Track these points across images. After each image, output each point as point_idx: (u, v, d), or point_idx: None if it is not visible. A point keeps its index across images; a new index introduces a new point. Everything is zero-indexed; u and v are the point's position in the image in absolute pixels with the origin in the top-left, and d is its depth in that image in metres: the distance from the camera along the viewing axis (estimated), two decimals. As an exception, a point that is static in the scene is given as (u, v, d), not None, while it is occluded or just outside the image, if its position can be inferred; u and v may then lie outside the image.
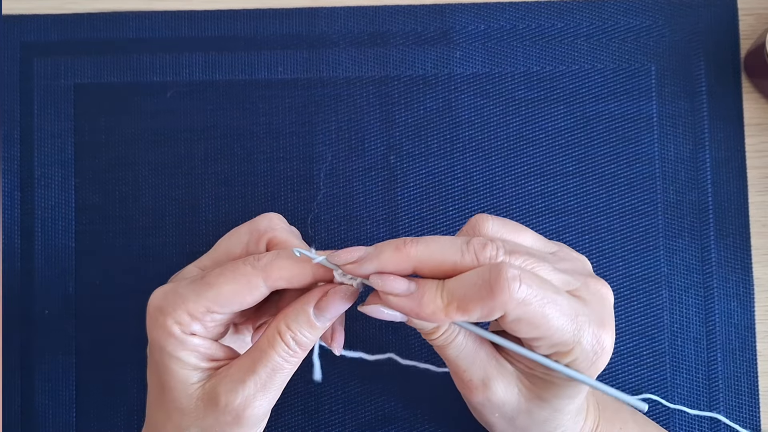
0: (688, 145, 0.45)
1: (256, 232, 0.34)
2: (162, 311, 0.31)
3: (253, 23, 0.46)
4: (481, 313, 0.28)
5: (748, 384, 0.44)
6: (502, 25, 0.46)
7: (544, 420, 0.33)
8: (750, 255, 0.44)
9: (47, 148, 0.45)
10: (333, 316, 0.31)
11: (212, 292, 0.31)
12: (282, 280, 0.31)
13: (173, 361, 0.31)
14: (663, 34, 0.46)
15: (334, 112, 0.45)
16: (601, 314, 0.30)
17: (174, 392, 0.32)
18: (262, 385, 0.31)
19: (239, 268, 0.31)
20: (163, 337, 0.31)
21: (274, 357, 0.31)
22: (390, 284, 0.29)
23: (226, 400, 0.31)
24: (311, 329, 0.31)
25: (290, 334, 0.31)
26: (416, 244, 0.30)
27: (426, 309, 0.29)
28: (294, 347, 0.31)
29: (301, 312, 0.31)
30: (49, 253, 0.44)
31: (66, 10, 0.46)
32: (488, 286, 0.27)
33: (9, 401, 0.43)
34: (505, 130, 0.45)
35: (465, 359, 0.31)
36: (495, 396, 0.32)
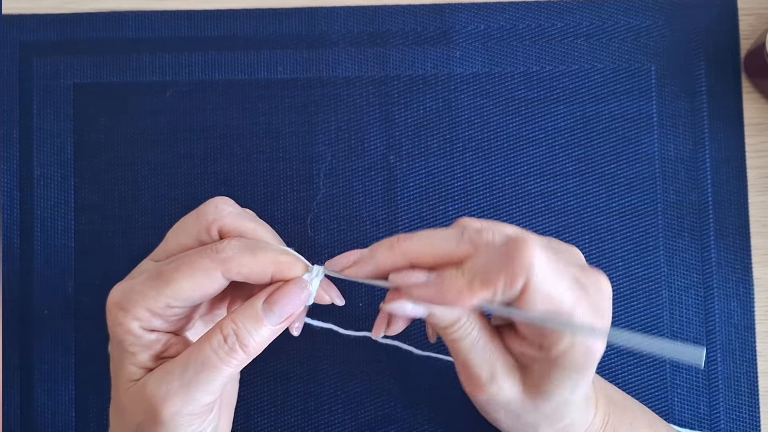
0: (688, 145, 0.45)
1: (205, 221, 0.33)
2: (121, 307, 0.31)
3: (253, 23, 0.46)
4: (504, 285, 0.28)
5: (747, 384, 0.44)
6: (502, 24, 0.46)
7: (550, 413, 0.32)
8: (750, 255, 0.44)
9: (46, 148, 0.45)
10: (283, 313, 0.30)
11: (170, 288, 0.30)
12: (240, 276, 0.31)
13: (127, 356, 0.31)
14: (663, 34, 0.46)
15: (333, 111, 0.45)
16: (598, 303, 0.30)
17: (119, 389, 0.31)
18: (187, 382, 0.29)
19: (196, 261, 0.30)
20: (121, 332, 0.31)
21: (206, 349, 0.30)
22: (409, 277, 0.29)
23: (149, 392, 0.30)
24: (256, 325, 0.30)
25: (232, 327, 0.30)
26: (409, 239, 0.30)
27: (450, 291, 0.29)
28: (231, 343, 0.30)
29: (249, 306, 0.30)
30: (48, 252, 0.44)
31: (65, 10, 0.46)
32: (509, 254, 0.28)
33: (8, 401, 0.43)
34: (504, 130, 0.45)
35: (477, 354, 0.31)
36: (501, 393, 0.32)
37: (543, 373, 0.31)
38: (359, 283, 0.43)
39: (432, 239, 0.30)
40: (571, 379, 0.31)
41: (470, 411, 0.43)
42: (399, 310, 0.30)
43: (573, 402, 0.33)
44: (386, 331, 0.34)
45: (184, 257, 0.31)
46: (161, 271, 0.31)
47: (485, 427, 0.43)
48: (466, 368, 0.32)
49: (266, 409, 0.43)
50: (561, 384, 0.31)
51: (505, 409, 0.33)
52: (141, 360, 0.31)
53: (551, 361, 0.31)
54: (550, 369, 0.31)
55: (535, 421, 0.33)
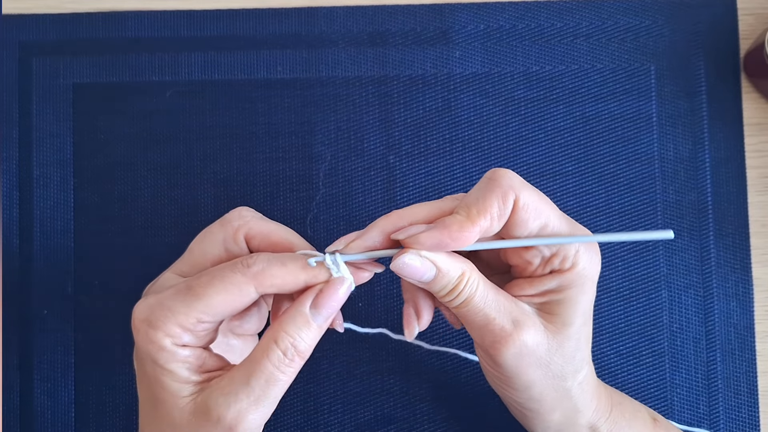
0: (687, 144, 0.45)
1: (230, 228, 0.33)
2: (151, 324, 0.31)
3: (253, 23, 0.46)
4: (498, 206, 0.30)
5: (747, 384, 0.44)
6: (502, 24, 0.46)
7: (573, 352, 0.33)
8: (749, 255, 0.44)
9: (46, 148, 0.45)
10: (330, 312, 0.31)
11: (202, 303, 0.30)
12: (274, 288, 0.31)
13: (165, 374, 0.31)
14: (663, 34, 0.46)
15: (333, 111, 0.45)
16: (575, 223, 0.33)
17: (166, 406, 0.31)
18: (256, 399, 0.30)
19: (228, 276, 0.31)
20: (154, 350, 0.31)
21: (268, 367, 0.30)
22: (413, 228, 0.31)
23: (218, 414, 0.30)
24: (309, 330, 0.31)
25: (289, 340, 0.30)
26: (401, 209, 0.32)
27: (452, 227, 0.30)
28: (291, 354, 0.30)
29: (298, 314, 0.31)
30: (48, 253, 0.44)
31: (65, 10, 0.46)
32: (492, 179, 0.31)
33: (8, 401, 0.43)
34: (504, 129, 0.45)
35: (492, 306, 0.32)
36: (529, 336, 0.32)
37: (559, 301, 0.32)
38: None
39: (422, 204, 0.32)
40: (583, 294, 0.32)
41: (470, 411, 0.43)
42: (406, 267, 0.31)
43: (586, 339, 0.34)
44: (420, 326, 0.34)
45: (214, 272, 0.31)
46: (191, 286, 0.31)
47: (485, 427, 0.43)
48: (488, 325, 0.32)
49: (266, 409, 0.43)
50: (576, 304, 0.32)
51: (536, 359, 0.32)
52: (183, 376, 0.31)
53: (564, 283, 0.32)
54: (564, 291, 0.32)
55: (563, 368, 0.33)
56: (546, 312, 0.33)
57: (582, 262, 0.32)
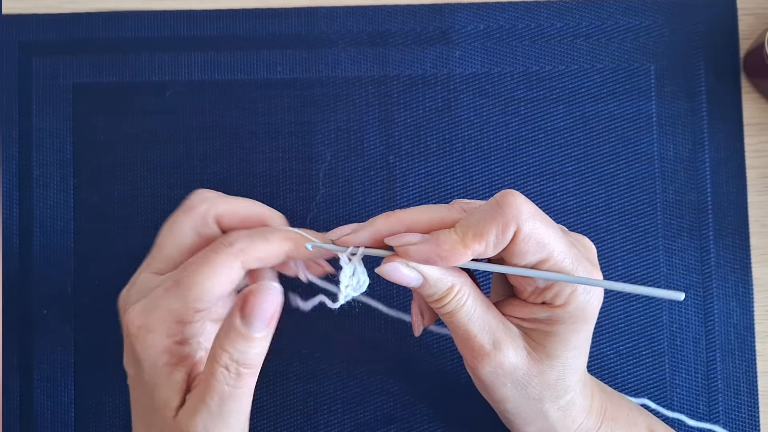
0: (687, 144, 0.45)
1: (198, 213, 0.33)
2: (149, 329, 0.30)
3: (252, 23, 0.46)
4: (496, 235, 0.29)
5: (747, 384, 0.44)
6: (502, 24, 0.46)
7: (555, 381, 0.33)
8: (749, 255, 0.44)
9: (46, 148, 0.45)
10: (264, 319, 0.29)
11: (194, 292, 0.30)
12: (259, 261, 0.31)
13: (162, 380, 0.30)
14: (662, 34, 0.46)
15: (333, 111, 0.45)
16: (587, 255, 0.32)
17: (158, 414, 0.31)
18: (218, 415, 0.29)
19: (212, 258, 0.30)
20: (156, 354, 0.30)
21: (215, 386, 0.29)
22: (406, 237, 0.30)
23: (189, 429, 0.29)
24: (246, 342, 0.29)
25: (226, 356, 0.29)
26: (404, 210, 0.31)
27: (444, 246, 0.30)
28: (235, 369, 0.29)
29: (230, 328, 0.29)
30: (47, 253, 0.44)
31: (65, 10, 0.46)
32: (498, 205, 0.29)
33: (8, 401, 0.43)
34: (504, 129, 0.45)
35: (476, 323, 0.32)
36: (507, 359, 0.32)
37: (546, 332, 0.32)
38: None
39: (426, 209, 0.31)
40: (573, 333, 0.32)
41: (470, 411, 0.43)
42: (393, 272, 0.31)
43: (574, 370, 0.33)
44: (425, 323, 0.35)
45: (198, 258, 0.31)
46: (179, 279, 0.30)
47: (485, 426, 0.43)
48: (468, 340, 0.32)
49: (266, 409, 0.43)
50: (564, 341, 0.32)
51: (512, 380, 0.33)
52: (177, 380, 0.30)
53: (553, 318, 0.31)
54: (552, 325, 0.32)
55: (541, 393, 0.33)
56: (532, 339, 0.32)
57: (576, 302, 0.31)
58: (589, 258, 0.32)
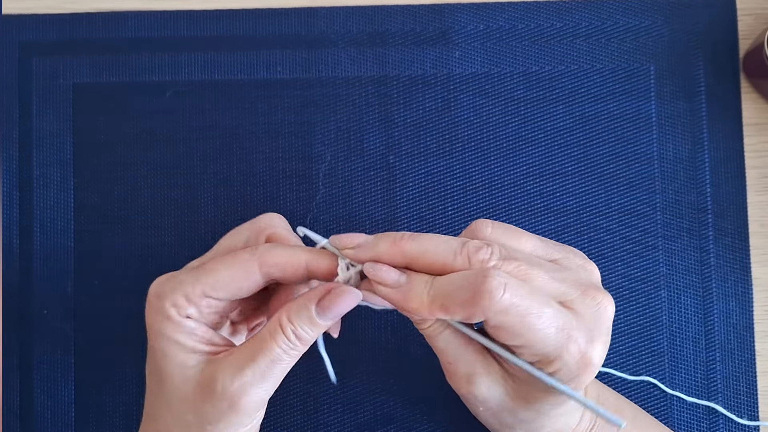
0: (686, 145, 0.45)
1: (257, 228, 0.35)
2: (159, 296, 0.32)
3: (252, 23, 0.46)
4: (462, 316, 0.29)
5: (746, 384, 0.44)
6: (501, 25, 0.46)
7: (529, 420, 0.33)
8: (749, 255, 0.44)
9: (46, 148, 0.45)
10: (335, 315, 0.32)
11: (209, 276, 0.32)
12: (277, 268, 0.32)
13: (171, 344, 0.32)
14: (662, 34, 0.46)
15: (333, 112, 0.45)
16: (592, 327, 0.30)
17: (173, 378, 0.32)
18: (261, 375, 0.31)
19: (237, 255, 0.32)
20: (159, 320, 0.32)
21: (274, 348, 0.31)
22: (381, 274, 0.31)
23: (223, 386, 0.31)
24: (312, 326, 0.32)
25: (291, 328, 0.31)
26: (412, 240, 0.31)
27: (411, 303, 0.30)
28: (294, 341, 0.31)
29: (303, 308, 0.31)
30: (48, 253, 0.44)
31: (65, 10, 0.46)
32: (472, 291, 0.28)
33: (8, 401, 0.43)
34: (504, 130, 0.45)
35: (452, 352, 0.32)
36: (479, 391, 0.33)
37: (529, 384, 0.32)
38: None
39: (434, 245, 0.30)
40: (557, 395, 0.31)
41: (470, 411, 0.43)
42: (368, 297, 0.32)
43: (554, 415, 0.33)
44: None
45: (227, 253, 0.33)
46: (203, 263, 0.33)
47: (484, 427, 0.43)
48: (443, 363, 0.33)
49: (266, 409, 0.43)
50: (546, 397, 0.32)
51: (484, 406, 0.33)
52: (189, 345, 0.32)
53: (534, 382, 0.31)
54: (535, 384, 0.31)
55: (512, 422, 0.34)
56: (513, 382, 0.32)
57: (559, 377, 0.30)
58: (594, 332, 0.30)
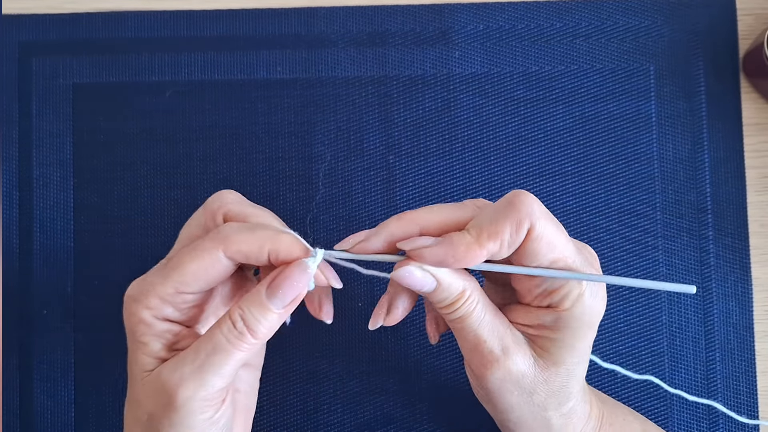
0: (686, 145, 0.45)
1: (211, 211, 0.34)
2: (133, 299, 0.32)
3: (252, 23, 0.46)
4: (510, 233, 0.29)
5: (746, 383, 0.44)
6: (501, 25, 0.46)
7: (560, 388, 0.33)
8: (748, 255, 0.45)
9: (46, 148, 0.45)
10: (286, 297, 0.31)
11: (176, 272, 0.31)
12: (240, 254, 0.31)
13: (139, 347, 0.32)
14: (662, 34, 0.46)
15: (333, 111, 0.45)
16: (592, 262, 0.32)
17: (134, 381, 0.32)
18: (200, 365, 0.30)
19: (199, 244, 0.31)
20: (134, 323, 0.32)
21: (216, 334, 0.30)
22: (419, 241, 0.31)
23: (164, 379, 0.30)
24: (262, 310, 0.31)
25: (239, 312, 0.30)
26: (416, 210, 0.31)
27: (460, 247, 0.30)
28: (240, 327, 0.30)
29: (255, 292, 0.31)
30: (47, 253, 0.44)
31: (64, 10, 0.46)
32: (511, 204, 0.30)
33: (8, 401, 0.43)
34: (503, 130, 0.45)
35: (485, 328, 0.32)
36: (515, 366, 0.32)
37: (552, 339, 0.32)
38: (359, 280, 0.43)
39: (438, 209, 0.31)
40: (579, 339, 0.32)
41: (470, 411, 0.43)
42: (407, 278, 0.31)
43: (577, 377, 0.33)
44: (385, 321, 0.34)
45: (190, 244, 0.32)
46: (169, 259, 0.32)
47: (485, 426, 0.43)
48: (478, 346, 0.32)
49: (266, 409, 0.43)
50: (570, 347, 0.32)
51: (519, 387, 0.32)
52: (153, 350, 0.32)
53: (559, 322, 0.31)
54: (558, 331, 0.32)
55: (545, 400, 0.33)
56: (537, 345, 0.32)
57: (583, 306, 0.31)
58: (593, 266, 0.32)
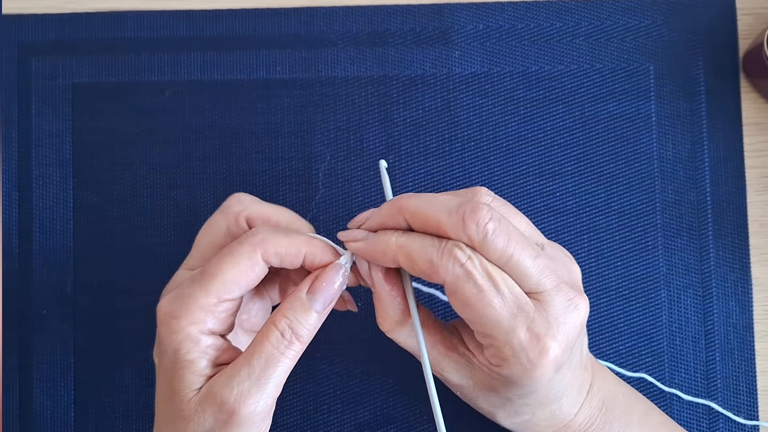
0: (686, 144, 0.45)
1: (231, 213, 0.34)
2: (174, 316, 0.31)
3: (252, 23, 0.46)
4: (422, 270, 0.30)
5: (746, 383, 0.44)
6: (501, 24, 0.46)
7: (501, 405, 0.34)
8: (748, 254, 0.44)
9: (45, 148, 0.45)
10: (327, 298, 0.32)
11: (218, 281, 0.31)
12: (278, 257, 0.32)
13: (185, 365, 0.31)
14: (662, 34, 0.46)
15: (332, 111, 0.45)
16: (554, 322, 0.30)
17: (179, 397, 0.31)
18: (257, 379, 0.30)
19: (236, 249, 0.32)
20: (178, 340, 0.31)
21: (267, 347, 0.31)
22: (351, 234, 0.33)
23: (222, 397, 0.30)
24: (306, 315, 0.31)
25: (285, 321, 0.31)
26: (412, 198, 0.32)
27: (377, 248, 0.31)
28: (289, 336, 0.31)
29: (295, 298, 0.32)
30: (47, 253, 0.44)
31: (64, 10, 0.46)
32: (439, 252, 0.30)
33: (8, 401, 0.43)
34: (503, 129, 0.45)
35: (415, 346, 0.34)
36: (451, 381, 0.34)
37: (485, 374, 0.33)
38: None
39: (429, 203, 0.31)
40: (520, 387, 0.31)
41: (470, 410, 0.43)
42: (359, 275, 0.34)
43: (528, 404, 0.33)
44: None
45: (223, 250, 0.32)
46: (204, 270, 0.32)
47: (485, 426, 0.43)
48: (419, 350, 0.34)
49: (265, 409, 0.43)
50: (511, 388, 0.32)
51: (461, 392, 0.35)
52: (200, 368, 0.31)
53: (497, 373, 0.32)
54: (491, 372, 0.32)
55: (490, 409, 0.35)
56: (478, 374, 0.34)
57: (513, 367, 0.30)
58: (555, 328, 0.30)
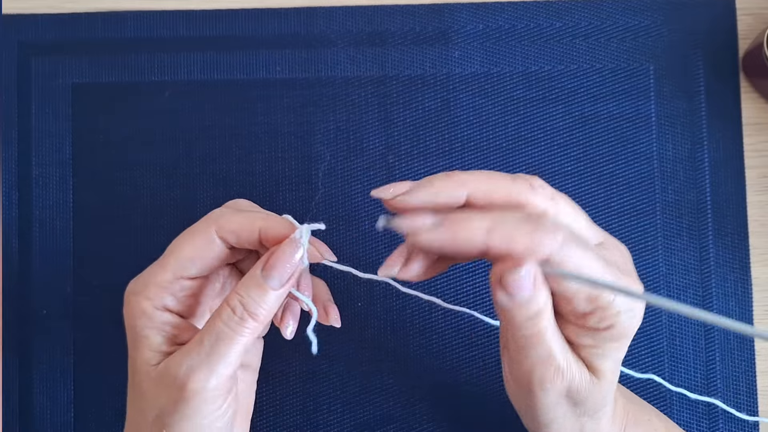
0: (686, 144, 0.45)
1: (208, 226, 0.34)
2: (133, 292, 0.33)
3: (251, 23, 0.46)
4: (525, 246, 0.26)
5: (746, 383, 0.44)
6: (501, 24, 0.46)
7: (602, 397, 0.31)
8: (748, 254, 0.44)
9: (45, 148, 0.45)
10: (282, 275, 0.31)
11: (173, 257, 0.32)
12: (233, 234, 0.32)
13: (141, 341, 0.32)
14: (661, 34, 0.46)
15: (332, 111, 0.45)
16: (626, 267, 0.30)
17: (137, 375, 0.32)
18: (207, 355, 0.30)
19: (192, 227, 0.33)
20: (134, 315, 0.32)
21: (218, 323, 0.31)
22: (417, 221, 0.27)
23: (174, 372, 0.30)
24: (260, 291, 0.31)
25: (237, 298, 0.31)
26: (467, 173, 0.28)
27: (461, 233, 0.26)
28: (240, 312, 0.30)
29: (249, 276, 0.31)
30: (47, 253, 0.44)
31: (64, 10, 0.46)
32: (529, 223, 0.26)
33: (7, 401, 0.43)
34: (503, 129, 0.45)
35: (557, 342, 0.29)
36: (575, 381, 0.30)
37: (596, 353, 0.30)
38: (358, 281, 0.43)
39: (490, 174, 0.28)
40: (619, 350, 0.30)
41: (470, 410, 0.43)
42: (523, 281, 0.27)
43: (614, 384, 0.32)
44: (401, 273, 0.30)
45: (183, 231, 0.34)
46: (165, 251, 0.33)
47: (486, 426, 0.43)
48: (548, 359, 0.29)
49: (266, 409, 0.43)
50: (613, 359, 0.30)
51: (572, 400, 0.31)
52: (155, 343, 0.32)
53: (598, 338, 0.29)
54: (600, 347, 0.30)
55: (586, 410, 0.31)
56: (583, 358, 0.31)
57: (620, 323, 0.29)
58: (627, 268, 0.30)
